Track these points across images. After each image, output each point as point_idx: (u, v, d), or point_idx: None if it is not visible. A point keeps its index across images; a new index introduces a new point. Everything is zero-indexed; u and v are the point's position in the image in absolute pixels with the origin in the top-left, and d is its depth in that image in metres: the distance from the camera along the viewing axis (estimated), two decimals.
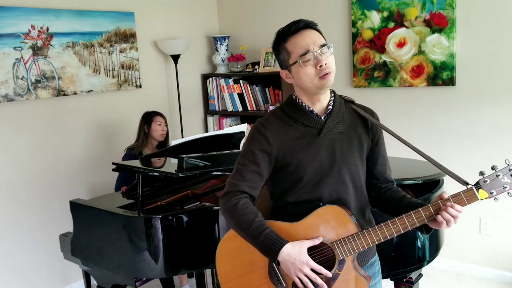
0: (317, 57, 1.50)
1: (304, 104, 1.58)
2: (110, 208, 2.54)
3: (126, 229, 2.41)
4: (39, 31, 3.25)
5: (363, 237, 1.48)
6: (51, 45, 3.32)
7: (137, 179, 2.50)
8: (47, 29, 3.29)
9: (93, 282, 2.89)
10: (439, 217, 1.44)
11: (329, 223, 1.51)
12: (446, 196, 1.46)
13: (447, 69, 3.31)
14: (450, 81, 3.32)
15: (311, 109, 1.57)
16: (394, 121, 3.61)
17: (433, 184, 2.54)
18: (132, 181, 3.14)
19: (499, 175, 1.44)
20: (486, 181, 1.44)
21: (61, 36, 3.38)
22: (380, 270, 1.73)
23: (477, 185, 1.45)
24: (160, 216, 2.35)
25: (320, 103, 1.58)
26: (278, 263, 1.48)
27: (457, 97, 3.34)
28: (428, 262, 2.40)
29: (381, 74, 3.61)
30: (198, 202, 2.72)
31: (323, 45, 1.51)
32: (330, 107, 1.58)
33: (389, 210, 1.64)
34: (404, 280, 2.44)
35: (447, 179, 2.57)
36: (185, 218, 2.39)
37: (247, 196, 1.55)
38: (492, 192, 1.44)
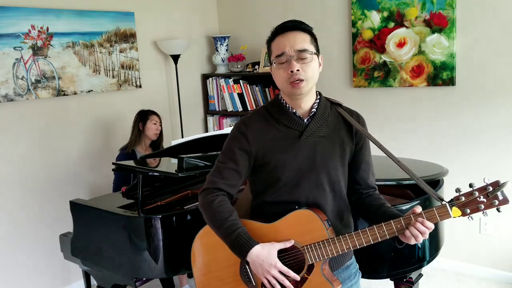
0: (291, 61, 1.48)
1: (287, 105, 1.57)
2: (110, 208, 2.54)
3: (126, 229, 2.41)
4: (39, 31, 3.25)
5: (333, 244, 1.48)
6: (51, 45, 3.33)
7: (137, 179, 2.50)
8: (47, 29, 3.29)
9: (93, 282, 2.89)
10: (407, 232, 1.41)
11: (302, 227, 1.51)
12: (418, 210, 1.43)
13: (447, 69, 3.31)
14: (450, 81, 3.32)
15: (294, 110, 1.56)
16: (394, 121, 3.62)
17: (433, 184, 2.54)
18: (128, 182, 3.14)
19: (475, 193, 1.37)
20: (461, 198, 1.38)
21: (61, 36, 3.38)
22: (359, 273, 1.73)
23: (451, 202, 1.40)
24: (160, 216, 2.35)
25: (303, 106, 1.57)
26: (247, 263, 1.50)
27: (457, 97, 3.34)
28: (428, 262, 2.40)
29: (381, 74, 3.61)
30: (198, 202, 2.71)
31: (301, 50, 1.48)
32: (314, 109, 1.57)
33: (367, 217, 1.64)
34: (404, 280, 2.44)
35: (447, 180, 2.58)
36: (185, 218, 2.39)
37: (224, 193, 1.57)
38: (466, 211, 1.38)
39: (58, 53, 3.37)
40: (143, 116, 3.47)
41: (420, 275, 2.57)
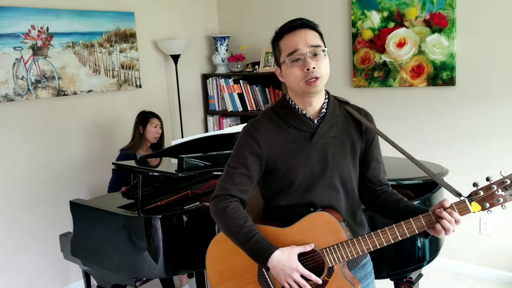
0: (306, 59, 1.46)
1: (296, 107, 1.54)
2: (110, 208, 2.54)
3: (126, 229, 2.41)
4: (39, 31, 3.25)
5: (352, 245, 1.46)
6: (51, 45, 3.32)
7: (137, 179, 2.50)
8: (47, 29, 3.29)
9: (93, 282, 2.89)
10: (438, 226, 1.39)
11: (320, 230, 1.49)
12: (447, 204, 1.41)
13: (447, 69, 3.31)
14: (450, 81, 3.32)
15: (303, 112, 1.54)
16: (394, 121, 3.62)
17: (433, 184, 2.54)
18: (125, 184, 3.14)
19: (493, 187, 1.36)
20: (479, 193, 1.37)
21: (61, 36, 3.38)
22: (373, 271, 1.72)
23: (470, 197, 1.39)
24: (160, 216, 2.35)
25: (313, 106, 1.54)
26: (267, 269, 1.47)
27: (457, 97, 3.34)
28: (428, 262, 2.40)
29: (381, 74, 3.61)
30: (198, 202, 2.72)
31: (315, 46, 1.47)
32: (324, 110, 1.55)
33: (385, 213, 1.62)
34: (404, 280, 2.44)
35: (447, 180, 2.57)
36: (185, 218, 2.39)
37: (237, 200, 1.53)
38: (485, 205, 1.37)
39: (58, 53, 3.37)
40: (143, 119, 3.44)
41: (420, 275, 2.57)
